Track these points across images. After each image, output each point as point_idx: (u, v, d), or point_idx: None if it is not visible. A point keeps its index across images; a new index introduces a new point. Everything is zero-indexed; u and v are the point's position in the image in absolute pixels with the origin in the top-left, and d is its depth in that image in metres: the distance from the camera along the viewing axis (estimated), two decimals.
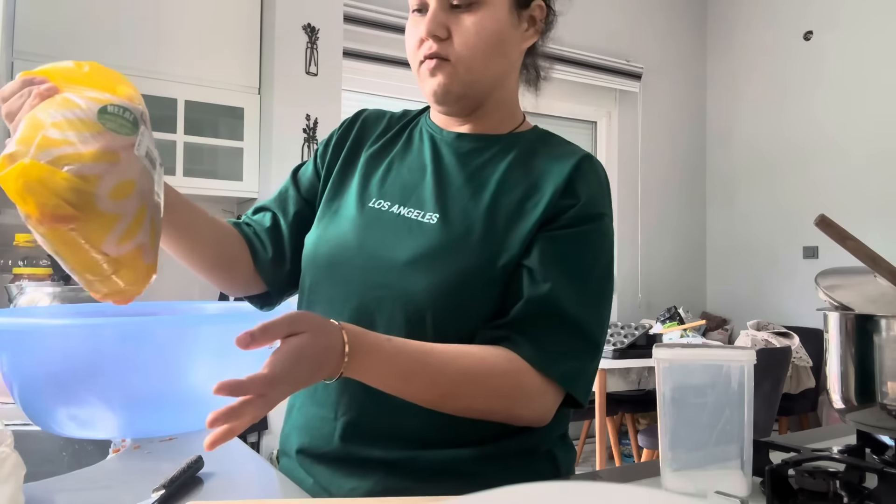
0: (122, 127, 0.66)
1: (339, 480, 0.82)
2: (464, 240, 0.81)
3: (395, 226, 0.85)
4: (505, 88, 0.91)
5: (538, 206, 0.82)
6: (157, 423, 0.98)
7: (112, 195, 0.63)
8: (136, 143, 0.67)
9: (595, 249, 0.83)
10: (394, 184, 0.90)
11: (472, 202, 0.84)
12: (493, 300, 0.81)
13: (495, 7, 0.83)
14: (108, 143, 0.63)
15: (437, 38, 0.84)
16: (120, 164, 0.64)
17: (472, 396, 0.75)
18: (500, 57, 0.86)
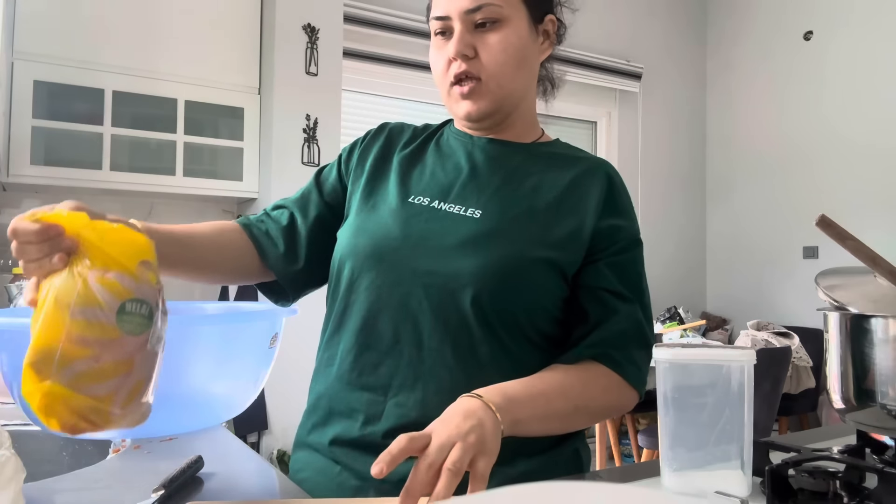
0: (139, 326, 0.67)
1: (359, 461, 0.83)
2: (506, 230, 0.85)
3: (439, 218, 0.88)
4: (527, 100, 0.96)
5: (579, 213, 0.87)
6: (157, 424, 0.98)
7: (125, 402, 0.67)
8: (148, 338, 0.68)
9: (643, 265, 0.91)
10: (432, 182, 0.93)
11: (510, 199, 0.88)
12: (537, 290, 0.84)
13: (517, 24, 0.88)
14: (124, 350, 0.66)
15: (465, 57, 0.87)
16: (133, 370, 0.67)
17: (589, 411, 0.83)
18: (526, 70, 0.91)
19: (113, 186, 2.70)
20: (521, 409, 0.74)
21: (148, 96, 2.74)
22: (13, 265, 2.43)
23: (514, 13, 0.88)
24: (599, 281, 0.86)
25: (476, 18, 0.86)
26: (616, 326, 0.85)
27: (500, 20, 0.87)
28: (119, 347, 0.66)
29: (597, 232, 0.86)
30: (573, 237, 0.86)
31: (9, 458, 0.59)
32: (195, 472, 0.81)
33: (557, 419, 0.80)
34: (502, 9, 0.87)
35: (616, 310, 0.85)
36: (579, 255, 0.86)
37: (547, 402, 0.78)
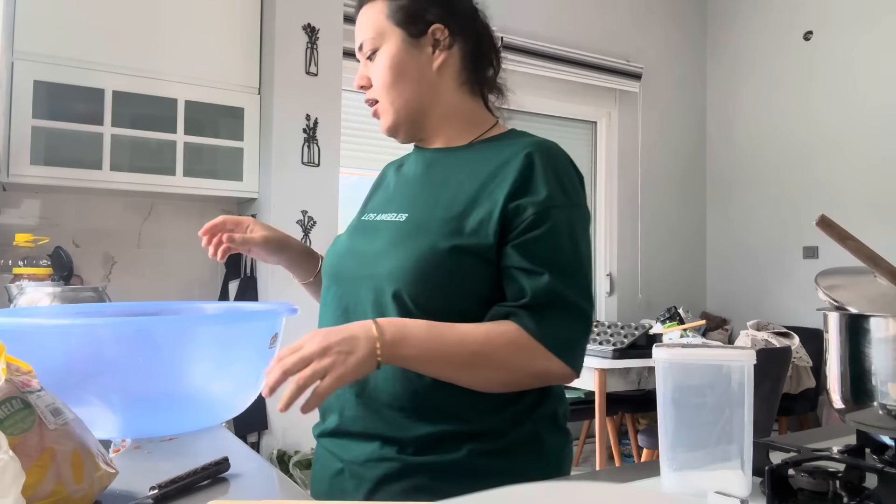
0: (24, 421, 0.66)
1: (346, 449, 0.94)
2: (424, 227, 0.93)
3: (375, 228, 1.00)
4: (442, 105, 1.03)
5: (492, 197, 0.92)
6: (158, 424, 0.99)
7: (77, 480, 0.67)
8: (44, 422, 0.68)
9: (568, 237, 0.91)
10: (381, 199, 1.08)
11: (433, 198, 0.97)
12: (456, 276, 0.90)
13: (389, 45, 1.00)
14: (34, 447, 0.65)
15: (363, 87, 1.03)
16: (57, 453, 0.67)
17: (497, 356, 0.86)
18: (410, 82, 1.00)
19: (113, 186, 2.70)
20: (408, 346, 0.82)
21: (148, 96, 2.74)
22: (13, 265, 2.43)
23: (388, 38, 1.00)
24: (509, 260, 0.90)
25: (365, 53, 1.02)
26: (525, 296, 0.88)
27: (377, 49, 1.00)
28: (28, 449, 0.65)
29: (504, 214, 0.90)
30: (484, 221, 0.91)
31: (8, 461, 0.59)
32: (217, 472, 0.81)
33: (451, 364, 0.85)
34: (376, 40, 1.00)
35: (523, 285, 0.88)
36: (492, 238, 0.90)
37: (440, 344, 0.83)
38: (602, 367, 2.89)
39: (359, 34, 1.02)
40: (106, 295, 2.27)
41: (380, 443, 0.90)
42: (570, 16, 4.18)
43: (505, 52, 4.13)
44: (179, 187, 2.82)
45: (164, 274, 3.02)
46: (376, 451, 0.90)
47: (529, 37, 3.90)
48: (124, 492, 0.75)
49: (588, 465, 3.99)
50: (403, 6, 1.00)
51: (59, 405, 0.72)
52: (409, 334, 0.83)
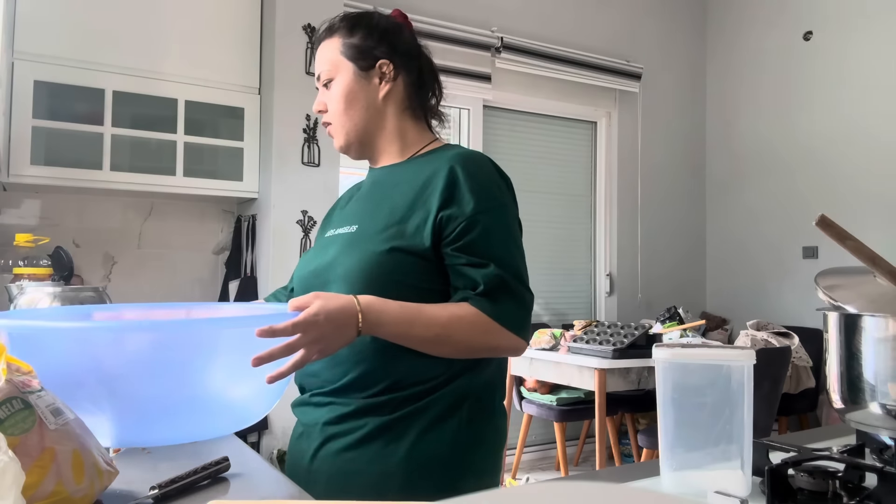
0: (25, 421, 0.66)
1: (306, 414, 1.12)
2: (368, 234, 1.09)
3: (333, 241, 1.16)
4: (388, 128, 1.20)
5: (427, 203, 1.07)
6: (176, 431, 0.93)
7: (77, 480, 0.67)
8: (44, 422, 0.68)
9: (500, 229, 1.07)
10: (340, 217, 1.22)
11: (379, 209, 1.13)
12: (397, 274, 1.05)
13: (342, 77, 1.17)
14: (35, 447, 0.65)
15: (321, 112, 1.20)
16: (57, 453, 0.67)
17: (459, 335, 1.01)
18: (361, 109, 1.17)
19: (113, 186, 2.70)
20: (384, 328, 0.98)
21: (148, 96, 2.74)
22: (13, 265, 2.43)
23: (342, 70, 1.17)
24: (455, 259, 1.05)
25: (322, 82, 1.19)
26: (478, 285, 1.03)
27: (332, 80, 1.18)
28: (28, 449, 0.65)
29: (438, 222, 1.05)
30: (420, 226, 1.06)
31: (8, 462, 0.59)
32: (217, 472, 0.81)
33: (419, 341, 1.01)
34: (331, 71, 1.17)
35: (474, 276, 1.03)
36: (428, 239, 1.05)
37: (410, 325, 0.99)
38: (602, 367, 2.90)
39: (317, 66, 1.19)
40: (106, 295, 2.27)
41: (330, 406, 1.08)
42: (569, 16, 4.18)
43: (505, 51, 4.13)
44: (179, 187, 2.82)
45: (164, 274, 3.02)
46: (325, 413, 1.08)
47: (529, 37, 3.90)
48: (124, 492, 0.75)
49: (588, 465, 3.99)
50: (355, 44, 1.17)
51: (59, 405, 0.72)
52: (385, 320, 0.97)
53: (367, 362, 1.04)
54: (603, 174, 4.37)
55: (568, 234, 4.28)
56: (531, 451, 3.97)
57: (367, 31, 1.18)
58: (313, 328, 0.89)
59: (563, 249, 4.25)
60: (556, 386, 3.45)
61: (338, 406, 1.06)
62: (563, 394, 3.46)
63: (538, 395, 3.52)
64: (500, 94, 3.89)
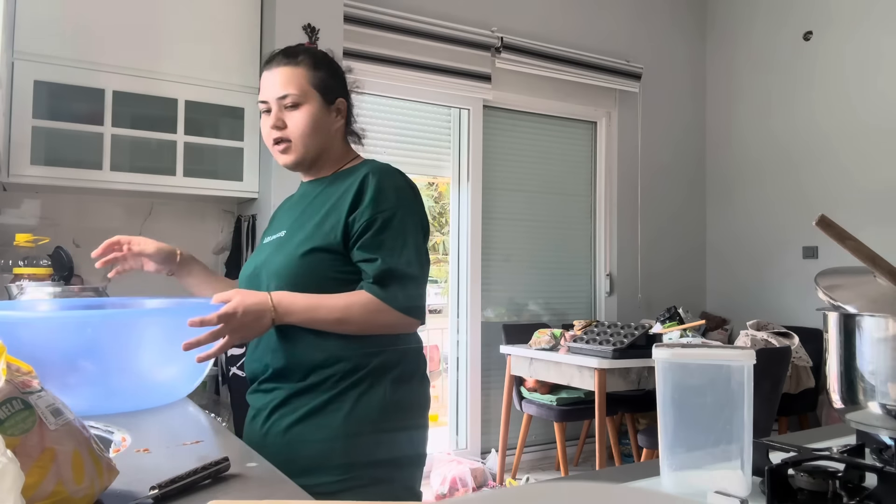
0: (25, 422, 0.66)
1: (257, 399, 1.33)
2: (292, 238, 1.32)
3: (267, 246, 1.39)
4: (330, 150, 1.40)
5: (339, 208, 1.29)
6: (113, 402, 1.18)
7: (77, 480, 0.67)
8: (44, 422, 0.68)
9: (394, 228, 1.27)
10: (277, 224, 1.45)
11: (304, 216, 1.35)
12: (317, 270, 1.27)
13: (310, 105, 1.34)
14: (35, 447, 0.65)
15: (278, 128, 1.34)
16: (57, 453, 0.67)
17: (356, 316, 1.23)
18: (320, 135, 1.37)
19: (113, 186, 2.70)
20: (293, 315, 1.22)
21: (148, 96, 2.74)
22: (13, 265, 2.43)
23: (310, 98, 1.34)
24: (355, 257, 1.27)
25: (284, 103, 1.33)
26: (369, 276, 1.25)
27: (299, 104, 1.33)
28: (28, 449, 0.65)
29: (346, 224, 1.27)
30: (334, 227, 1.28)
31: (7, 464, 0.59)
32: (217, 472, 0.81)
33: (324, 324, 1.23)
34: (300, 96, 1.33)
35: (366, 269, 1.26)
36: (339, 238, 1.27)
37: (315, 313, 1.23)
38: (602, 367, 2.90)
39: (282, 87, 1.33)
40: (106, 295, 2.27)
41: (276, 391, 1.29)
42: (569, 16, 4.18)
43: (505, 51, 4.13)
44: (179, 187, 2.82)
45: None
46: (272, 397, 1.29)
47: (529, 37, 3.90)
48: (124, 492, 0.75)
49: (588, 464, 3.99)
50: (323, 80, 1.36)
51: (59, 405, 0.72)
52: (294, 309, 1.21)
53: (291, 352, 1.27)
54: (603, 174, 4.37)
55: (568, 234, 4.28)
56: (531, 451, 3.97)
57: (330, 70, 1.39)
58: (233, 318, 1.14)
59: (563, 249, 4.25)
60: (556, 386, 3.45)
61: (281, 391, 1.28)
62: (563, 394, 3.46)
63: (538, 395, 3.52)
64: (500, 94, 3.89)
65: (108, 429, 1.04)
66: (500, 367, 3.75)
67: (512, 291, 4.04)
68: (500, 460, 3.59)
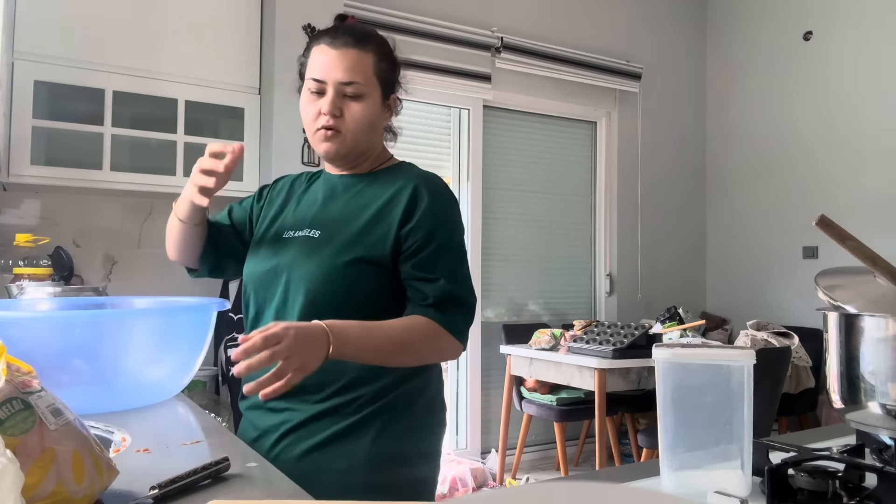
0: (25, 422, 0.66)
1: (262, 418, 1.20)
2: (331, 243, 1.18)
3: (295, 243, 1.22)
4: (373, 147, 1.29)
5: (390, 218, 1.18)
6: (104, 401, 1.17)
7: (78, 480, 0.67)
8: (44, 422, 0.68)
9: (453, 249, 1.20)
10: (298, 217, 1.28)
11: (343, 218, 1.22)
12: (357, 282, 1.15)
13: (373, 100, 1.23)
14: (35, 447, 0.65)
15: (334, 115, 1.19)
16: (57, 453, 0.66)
17: (414, 344, 1.12)
18: (373, 132, 1.26)
19: (113, 186, 2.70)
20: (350, 347, 1.04)
21: (148, 96, 2.74)
22: (13, 265, 2.43)
23: (372, 91, 1.22)
24: (409, 274, 1.17)
25: (346, 90, 1.19)
26: (429, 298, 1.15)
27: (363, 95, 1.20)
28: (28, 449, 0.65)
29: (398, 237, 1.17)
30: (382, 238, 1.17)
31: (6, 464, 0.59)
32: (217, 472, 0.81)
33: (379, 356, 1.10)
34: (365, 87, 1.20)
35: (425, 291, 1.15)
36: (388, 251, 1.16)
37: (374, 343, 1.08)
38: (602, 367, 2.90)
39: (350, 72, 1.18)
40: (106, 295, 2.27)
41: (288, 412, 1.16)
42: (569, 16, 4.18)
43: (505, 51, 4.13)
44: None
45: (164, 274, 3.02)
46: (283, 418, 1.16)
47: (529, 37, 3.90)
48: (124, 492, 0.75)
49: (588, 464, 3.99)
50: (386, 73, 1.25)
51: (59, 405, 0.72)
52: (349, 333, 1.04)
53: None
54: (603, 174, 4.37)
55: (568, 234, 4.28)
56: (531, 451, 3.97)
57: (392, 63, 1.29)
58: (283, 341, 0.93)
59: (563, 249, 4.25)
60: (556, 386, 3.45)
61: (295, 412, 1.15)
62: (563, 394, 3.46)
63: (538, 395, 3.52)
64: (500, 94, 3.89)
65: (108, 429, 1.04)
66: (500, 367, 3.75)
67: (512, 291, 4.04)
68: (500, 460, 3.59)
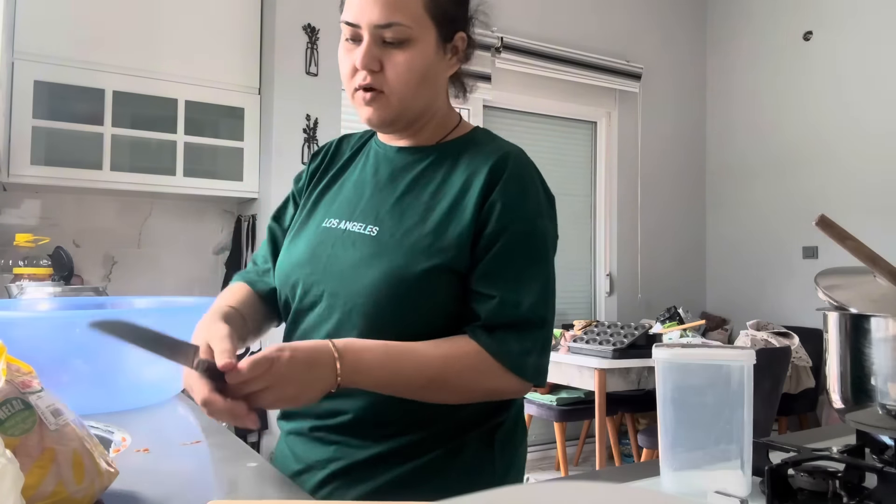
0: (25, 422, 0.66)
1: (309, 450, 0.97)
2: (398, 245, 0.91)
3: (342, 239, 0.95)
4: (434, 107, 0.98)
5: (465, 212, 0.91)
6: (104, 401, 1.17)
7: (78, 480, 0.67)
8: (44, 423, 0.67)
9: (529, 251, 0.91)
10: (342, 203, 1.00)
11: (407, 211, 0.93)
12: (429, 295, 0.89)
13: (424, 44, 0.90)
14: (34, 447, 0.65)
15: (371, 70, 0.90)
16: (57, 453, 0.66)
17: (454, 378, 0.86)
18: (429, 87, 0.94)
19: (113, 186, 2.70)
20: (366, 376, 0.82)
21: (148, 96, 2.74)
22: (13, 265, 2.43)
23: (423, 33, 0.90)
24: (477, 284, 0.90)
25: (385, 35, 0.88)
26: (489, 315, 0.88)
27: (409, 40, 0.89)
28: (28, 449, 0.65)
29: (474, 234, 0.90)
30: (460, 238, 0.90)
31: (6, 465, 0.59)
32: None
33: (407, 389, 0.85)
34: (412, 29, 0.88)
35: (478, 309, 0.89)
36: (467, 253, 0.90)
37: (398, 371, 0.84)
38: (602, 367, 2.90)
39: (388, 10, 0.87)
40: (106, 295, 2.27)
41: (339, 447, 0.93)
42: (570, 16, 4.18)
43: (505, 51, 4.12)
44: (179, 187, 2.82)
45: (164, 274, 3.02)
46: (334, 454, 0.93)
47: (529, 37, 3.90)
48: (124, 492, 0.75)
49: (588, 465, 3.99)
50: (443, 4, 0.91)
51: (59, 406, 0.72)
52: (366, 366, 0.82)
53: (382, 398, 0.87)
54: (603, 174, 4.37)
55: (568, 234, 4.28)
56: (531, 451, 3.97)
57: None
58: (272, 367, 0.75)
59: (562, 249, 4.22)
60: (556, 386, 3.45)
61: (350, 449, 0.91)
62: (563, 394, 3.46)
63: (538, 395, 3.52)
64: (500, 94, 3.89)
65: (108, 429, 1.04)
66: None
67: None
68: None
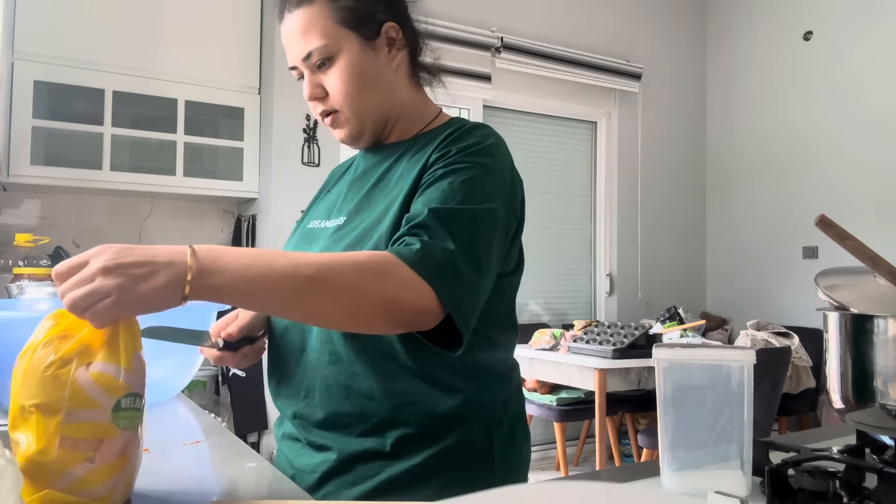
0: (132, 421, 0.66)
1: (299, 456, 0.95)
2: (354, 229, 0.91)
3: (317, 236, 0.98)
4: (397, 104, 0.99)
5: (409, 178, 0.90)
6: None
7: (123, 495, 0.67)
8: (139, 428, 0.68)
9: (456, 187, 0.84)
10: (325, 204, 1.04)
11: (373, 200, 0.94)
12: None
13: (348, 53, 0.93)
14: (120, 447, 0.65)
15: (318, 98, 0.96)
16: (127, 464, 0.67)
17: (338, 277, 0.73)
18: (374, 87, 0.95)
19: (113, 186, 2.70)
20: (226, 273, 0.69)
21: (148, 96, 2.74)
22: (13, 265, 2.43)
23: (343, 44, 0.92)
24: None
25: (313, 62, 0.93)
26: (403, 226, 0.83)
27: (331, 56, 0.92)
28: (115, 445, 0.64)
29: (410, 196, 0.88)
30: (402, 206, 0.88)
31: (5, 465, 0.58)
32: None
33: (277, 292, 0.71)
34: (330, 46, 0.92)
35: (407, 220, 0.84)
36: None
37: (267, 269, 0.71)
38: (602, 367, 2.89)
39: (302, 43, 0.92)
40: None
41: (329, 451, 0.91)
42: (569, 16, 4.18)
43: (505, 51, 4.12)
44: (179, 187, 2.82)
45: None
46: (324, 458, 0.91)
47: (529, 37, 3.90)
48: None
49: (588, 465, 3.99)
50: (350, 7, 0.92)
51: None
52: (227, 260, 0.69)
53: (357, 382, 0.85)
54: (603, 174, 4.37)
55: (568, 234, 4.28)
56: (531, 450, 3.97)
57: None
58: (99, 256, 0.64)
59: (563, 249, 4.25)
60: (556, 386, 3.45)
61: (332, 450, 0.89)
62: (563, 394, 3.46)
63: (538, 395, 3.52)
64: (500, 94, 3.89)
65: None
66: None
67: None
68: None
